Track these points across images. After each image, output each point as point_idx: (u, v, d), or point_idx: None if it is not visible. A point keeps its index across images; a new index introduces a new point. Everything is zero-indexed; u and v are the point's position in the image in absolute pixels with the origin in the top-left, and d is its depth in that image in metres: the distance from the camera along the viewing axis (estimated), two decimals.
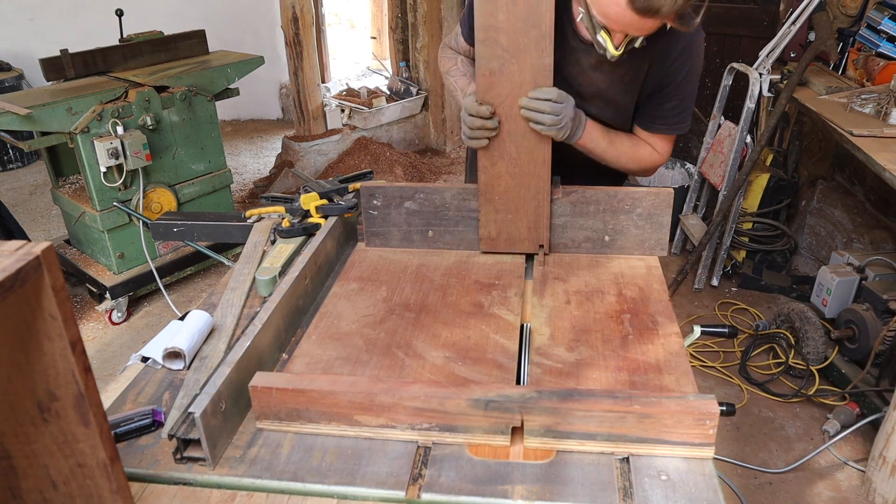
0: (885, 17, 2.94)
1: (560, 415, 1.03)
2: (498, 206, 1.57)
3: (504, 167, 1.53)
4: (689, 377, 1.19)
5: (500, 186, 1.55)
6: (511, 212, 1.57)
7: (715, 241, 3.44)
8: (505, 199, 1.56)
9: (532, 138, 1.49)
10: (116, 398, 1.21)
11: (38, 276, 0.67)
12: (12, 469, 0.80)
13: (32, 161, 5.44)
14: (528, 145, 1.50)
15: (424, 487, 1.00)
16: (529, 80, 1.44)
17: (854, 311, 2.70)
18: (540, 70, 1.43)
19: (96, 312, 3.45)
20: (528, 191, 1.55)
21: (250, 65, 3.62)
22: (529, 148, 1.51)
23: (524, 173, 1.53)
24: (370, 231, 1.67)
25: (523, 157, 1.52)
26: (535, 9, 1.38)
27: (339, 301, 1.46)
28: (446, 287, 1.50)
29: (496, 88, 1.46)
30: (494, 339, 1.31)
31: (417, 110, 5.32)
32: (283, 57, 4.88)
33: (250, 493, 1.01)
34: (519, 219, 1.58)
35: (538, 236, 1.59)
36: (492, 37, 1.42)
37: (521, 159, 1.52)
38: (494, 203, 1.57)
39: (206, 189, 3.55)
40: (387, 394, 1.06)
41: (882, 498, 2.26)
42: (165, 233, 1.79)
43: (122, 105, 3.09)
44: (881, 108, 2.72)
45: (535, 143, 1.50)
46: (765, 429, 2.63)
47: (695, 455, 1.04)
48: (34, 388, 0.74)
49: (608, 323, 1.35)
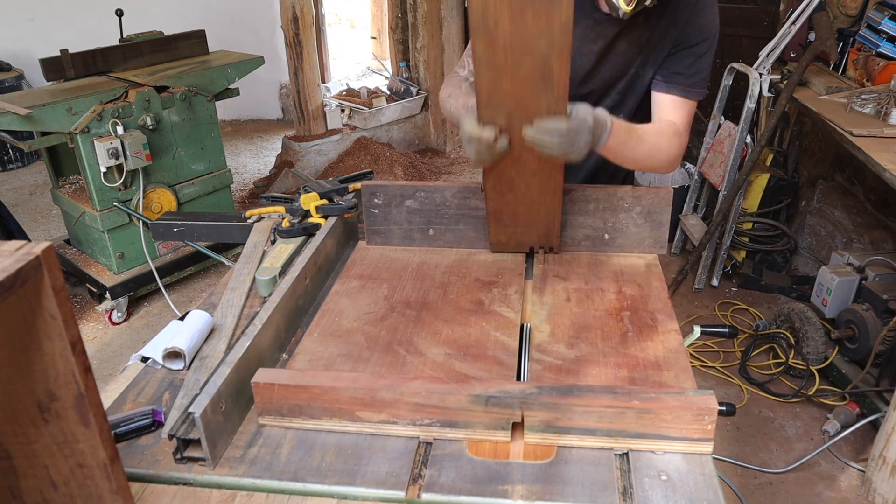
0: (885, 17, 2.94)
1: (560, 410, 1.04)
2: (507, 222, 1.54)
3: (515, 174, 1.44)
4: (688, 374, 1.19)
5: (508, 208, 1.49)
6: (521, 226, 1.56)
7: (715, 241, 3.44)
8: (514, 208, 1.50)
9: (547, 163, 1.37)
10: (116, 398, 1.21)
11: (38, 276, 0.67)
12: (12, 469, 0.80)
13: (32, 161, 5.44)
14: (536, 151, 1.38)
15: (424, 487, 1.00)
16: None
17: (854, 311, 2.70)
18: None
19: (96, 312, 3.45)
20: (539, 213, 1.49)
21: (250, 65, 3.62)
22: (537, 154, 1.35)
23: (536, 179, 1.42)
24: (371, 229, 1.67)
25: (532, 164, 1.39)
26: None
27: (340, 299, 1.46)
28: (447, 285, 1.50)
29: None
30: (495, 336, 1.31)
31: (417, 110, 5.32)
32: (283, 57, 4.89)
33: (250, 493, 1.01)
34: (529, 232, 1.57)
35: (548, 241, 1.59)
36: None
37: (531, 183, 1.41)
38: (504, 220, 1.54)
39: (206, 189, 3.55)
40: (388, 390, 1.06)
41: (882, 498, 2.26)
42: (165, 233, 1.79)
43: (122, 105, 3.09)
44: (881, 108, 2.72)
45: (551, 169, 1.39)
46: (765, 429, 2.63)
47: (694, 450, 1.04)
48: (34, 388, 0.74)
49: (608, 320, 1.36)
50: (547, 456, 1.05)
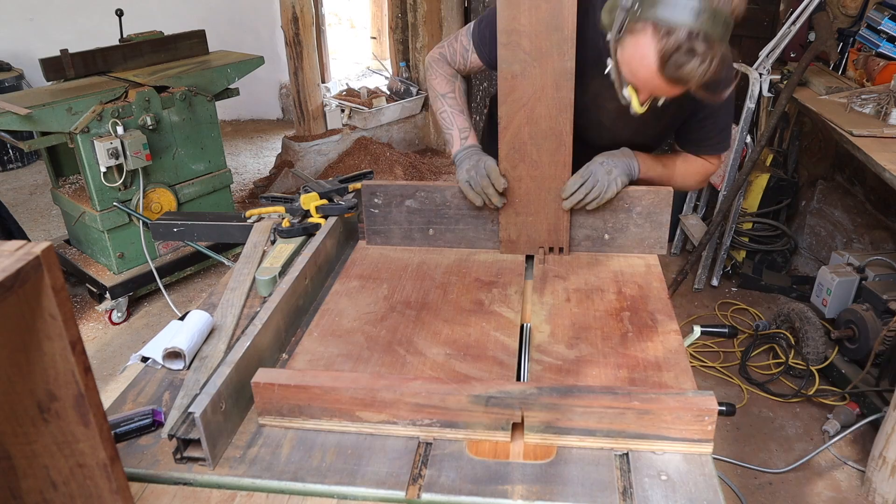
0: (885, 17, 2.94)
1: (560, 411, 1.04)
2: (518, 209, 1.58)
3: (525, 170, 1.54)
4: (688, 374, 1.19)
5: (520, 189, 1.56)
6: (531, 214, 1.58)
7: (715, 241, 3.44)
8: (525, 201, 1.57)
9: (553, 141, 1.50)
10: (116, 398, 1.21)
11: (38, 276, 0.67)
12: (12, 469, 0.80)
13: (32, 161, 5.44)
14: (550, 148, 1.51)
15: (424, 487, 1.00)
16: (551, 84, 1.45)
17: (854, 311, 2.70)
18: (562, 74, 1.44)
19: (96, 312, 3.44)
20: (549, 194, 1.55)
21: (250, 65, 3.62)
22: (550, 151, 1.51)
23: (545, 176, 1.54)
24: (371, 229, 1.67)
25: (544, 159, 1.52)
26: (558, 13, 1.39)
27: (340, 298, 1.46)
28: (447, 285, 1.50)
29: (518, 91, 1.46)
30: (495, 336, 1.31)
31: (417, 110, 5.31)
32: (283, 57, 4.88)
33: (250, 493, 1.01)
34: (539, 221, 1.59)
35: (557, 238, 1.60)
36: (514, 40, 1.43)
37: (542, 162, 1.52)
38: (515, 206, 1.58)
39: (206, 189, 3.55)
40: (388, 390, 1.06)
41: (882, 498, 2.26)
42: (165, 233, 1.79)
43: (122, 105, 3.09)
44: (881, 108, 2.72)
45: (555, 147, 1.50)
46: (765, 429, 2.63)
47: (693, 451, 1.04)
48: (34, 388, 0.74)
49: (608, 320, 1.36)
50: (547, 456, 1.05)
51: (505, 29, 1.42)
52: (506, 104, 1.48)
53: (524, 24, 1.41)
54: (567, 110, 1.47)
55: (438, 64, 1.72)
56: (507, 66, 1.45)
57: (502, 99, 1.48)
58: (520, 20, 1.41)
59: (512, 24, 1.41)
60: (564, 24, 1.39)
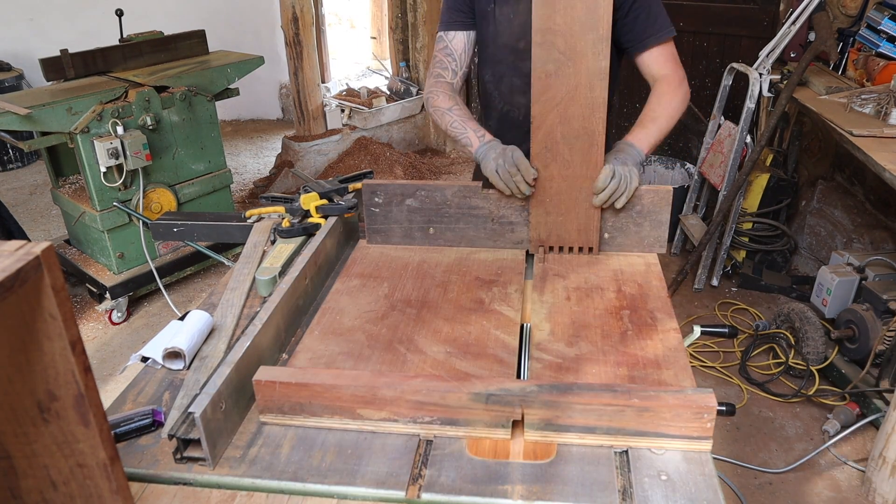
0: (885, 17, 2.94)
1: (560, 408, 1.04)
2: (549, 209, 1.58)
3: (557, 169, 1.54)
4: (687, 372, 1.20)
5: (552, 188, 1.56)
6: (562, 214, 1.58)
7: (715, 241, 3.44)
8: (556, 201, 1.57)
9: (585, 141, 1.50)
10: (116, 398, 1.21)
11: (38, 276, 0.67)
12: (12, 469, 0.80)
13: (32, 161, 5.44)
14: (582, 148, 1.51)
15: (424, 487, 1.00)
16: (585, 83, 1.45)
17: (854, 311, 2.70)
18: (595, 73, 1.44)
19: (96, 312, 3.45)
20: (580, 193, 1.55)
21: (250, 65, 3.62)
22: (583, 151, 1.51)
23: (576, 176, 1.53)
24: (372, 228, 1.67)
25: (576, 159, 1.52)
26: (593, 12, 1.40)
27: (341, 297, 1.46)
28: (447, 283, 1.50)
29: (551, 91, 1.47)
30: (495, 334, 1.32)
31: (417, 110, 5.32)
32: (283, 57, 4.89)
33: (250, 493, 1.01)
34: (569, 221, 1.58)
35: (588, 238, 1.60)
36: (549, 39, 1.43)
37: (573, 161, 1.52)
38: (545, 205, 1.58)
39: (206, 189, 3.55)
40: (389, 387, 1.07)
41: (882, 498, 2.26)
42: (165, 233, 1.79)
43: (122, 105, 3.09)
44: (881, 108, 2.72)
45: (588, 146, 1.50)
46: (765, 429, 2.63)
47: (693, 448, 1.04)
48: (34, 388, 0.74)
49: (607, 319, 1.36)
50: (547, 455, 1.05)
51: (540, 28, 1.43)
52: (539, 103, 1.48)
53: (559, 23, 1.41)
54: (600, 109, 1.47)
55: (434, 86, 1.79)
56: (542, 64, 1.45)
57: (535, 98, 1.48)
58: (555, 19, 1.41)
59: (547, 24, 1.42)
60: (599, 23, 1.40)
